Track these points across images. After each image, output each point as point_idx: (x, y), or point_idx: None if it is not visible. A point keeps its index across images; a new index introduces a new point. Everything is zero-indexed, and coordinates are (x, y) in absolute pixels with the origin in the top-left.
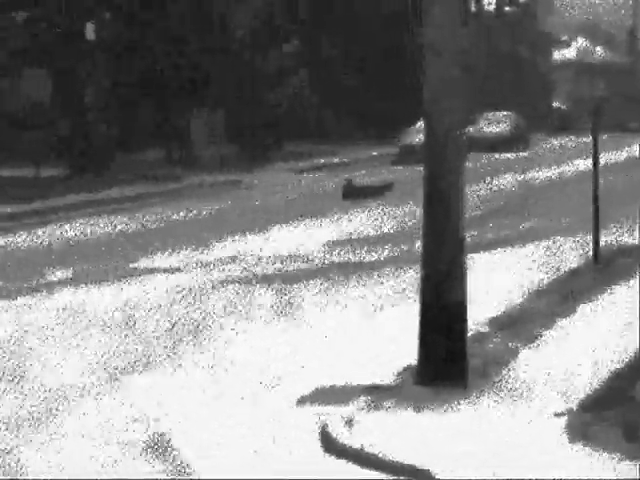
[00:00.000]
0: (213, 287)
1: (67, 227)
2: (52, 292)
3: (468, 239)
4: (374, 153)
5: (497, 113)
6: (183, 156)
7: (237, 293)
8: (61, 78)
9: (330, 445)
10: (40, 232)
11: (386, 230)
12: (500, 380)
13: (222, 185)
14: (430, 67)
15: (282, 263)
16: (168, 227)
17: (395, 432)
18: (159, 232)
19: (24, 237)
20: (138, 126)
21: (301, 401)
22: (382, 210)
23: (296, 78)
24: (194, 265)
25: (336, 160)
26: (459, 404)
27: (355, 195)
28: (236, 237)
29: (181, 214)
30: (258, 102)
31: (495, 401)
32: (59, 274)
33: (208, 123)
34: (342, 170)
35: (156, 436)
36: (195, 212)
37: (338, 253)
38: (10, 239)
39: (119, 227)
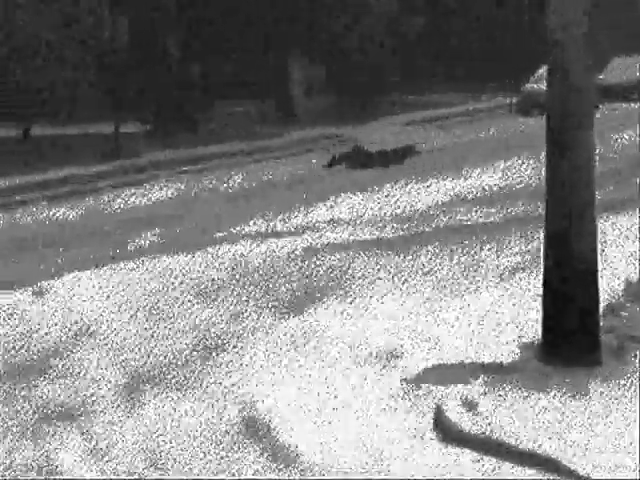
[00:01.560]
0: (315, 253)
1: (157, 187)
2: (144, 256)
3: None
4: (489, 104)
5: (628, 58)
6: (281, 109)
7: (339, 260)
8: (139, 24)
9: (445, 430)
10: (127, 193)
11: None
12: (637, 358)
13: (322, 140)
14: None
15: (387, 226)
16: (264, 188)
17: (519, 415)
18: (255, 194)
19: (111, 199)
20: (231, 77)
21: (413, 381)
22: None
23: (408, 25)
24: (293, 229)
25: (447, 111)
26: (590, 385)
27: (361, 163)
28: (340, 197)
29: (278, 174)
30: (362, 50)
31: (632, 383)
32: (151, 238)
33: (308, 74)
34: (452, 122)
35: (257, 417)
36: (292, 170)
37: (452, 213)
38: (93, 202)
39: (209, 188)
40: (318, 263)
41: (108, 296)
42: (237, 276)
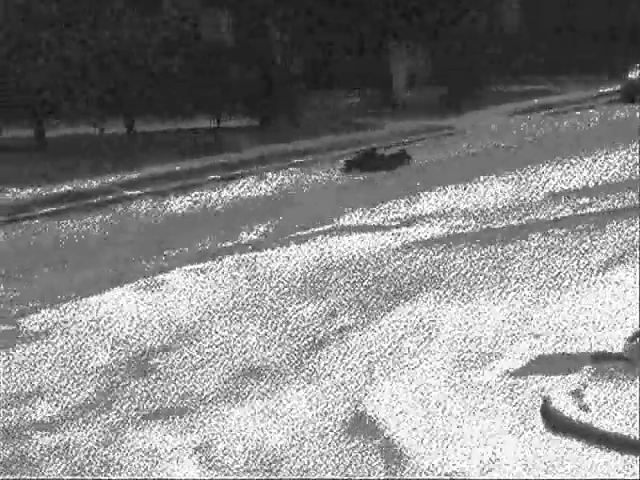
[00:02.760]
0: (415, 247)
1: (261, 183)
2: (249, 250)
3: None
4: (591, 93)
5: None
6: (382, 100)
7: (440, 253)
8: (243, 18)
9: (553, 420)
10: (230, 188)
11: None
12: None
13: (426, 132)
14: None
15: (491, 219)
16: (367, 182)
17: (629, 407)
18: (358, 187)
19: (214, 195)
20: (332, 68)
21: (521, 372)
22: None
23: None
24: (396, 222)
25: (553, 100)
26: None
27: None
28: (445, 190)
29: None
30: (464, 38)
31: None
32: (254, 232)
33: (410, 63)
34: (561, 112)
35: (361, 412)
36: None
37: (559, 206)
38: (198, 197)
39: (311, 181)
40: (418, 257)
41: (213, 292)
42: (337, 270)
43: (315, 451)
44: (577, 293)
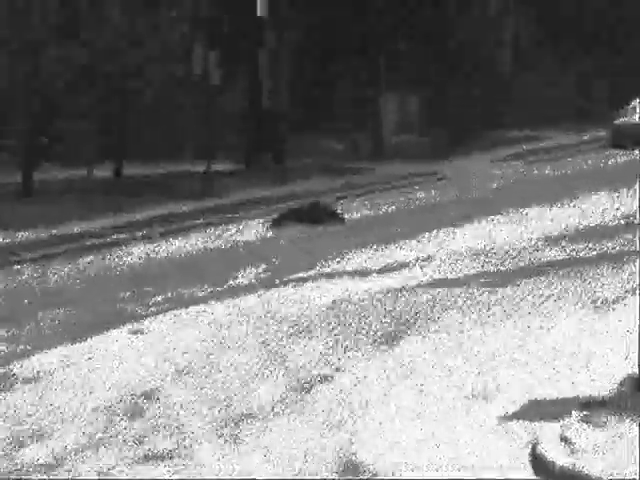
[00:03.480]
0: (407, 290)
1: (251, 226)
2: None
3: None
4: (584, 137)
5: None
6: (371, 144)
7: (438, 295)
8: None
9: (541, 465)
10: (219, 231)
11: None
12: None
13: (412, 177)
14: None
15: (486, 260)
16: (357, 227)
17: (615, 453)
18: (348, 232)
19: (201, 239)
20: (322, 112)
21: (510, 416)
22: None
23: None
24: (389, 266)
25: (541, 145)
26: None
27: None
28: (434, 233)
29: (371, 210)
30: (454, 85)
31: None
32: (247, 276)
33: (400, 109)
34: (547, 157)
35: (345, 448)
36: (388, 207)
37: (553, 249)
38: (185, 241)
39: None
40: (411, 299)
41: (205, 334)
42: (334, 312)
43: None
44: (566, 331)
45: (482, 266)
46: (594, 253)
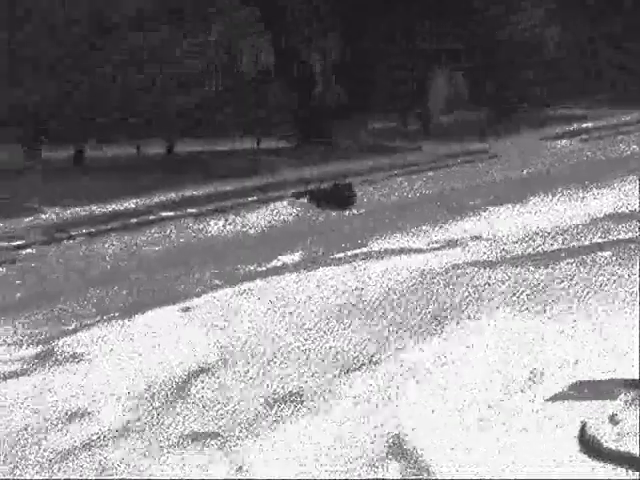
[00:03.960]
0: (455, 270)
1: (295, 204)
2: (288, 272)
3: None
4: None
5: None
6: (419, 123)
7: (483, 276)
8: (283, 40)
9: (590, 446)
10: (268, 210)
11: None
12: None
13: (464, 156)
14: None
15: (536, 242)
16: (405, 205)
17: None
18: (395, 211)
19: (247, 217)
20: (369, 89)
21: (558, 397)
22: None
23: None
24: (433, 245)
25: (593, 125)
26: None
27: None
28: (481, 213)
29: (418, 191)
30: (506, 64)
31: None
32: (292, 257)
33: (449, 86)
34: (597, 135)
35: (393, 435)
36: (433, 186)
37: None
38: (232, 219)
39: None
40: (460, 280)
41: (250, 314)
42: (380, 293)
43: (350, 476)
44: (607, 320)
45: (534, 246)
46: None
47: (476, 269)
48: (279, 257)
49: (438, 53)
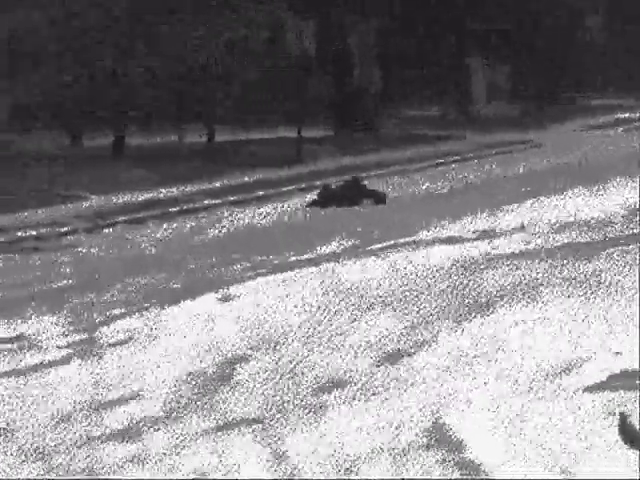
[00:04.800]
0: (494, 261)
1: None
2: (328, 261)
3: None
4: None
5: None
6: (461, 113)
7: (520, 268)
8: (326, 29)
9: (630, 436)
10: (300, 201)
11: None
12: None
13: (504, 146)
14: None
15: (574, 233)
16: (446, 195)
17: None
18: (436, 199)
19: (286, 206)
20: (407, 81)
21: (598, 387)
22: None
23: (593, 20)
24: (473, 236)
25: (632, 115)
26: None
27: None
28: (524, 203)
29: (462, 178)
30: (548, 52)
31: None
32: (335, 243)
33: (488, 77)
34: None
35: (435, 424)
36: (479, 175)
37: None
38: (272, 208)
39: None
40: (503, 270)
41: (293, 303)
42: (420, 282)
43: (393, 463)
44: None
45: (576, 237)
46: None
47: (518, 259)
48: (320, 246)
49: (481, 43)
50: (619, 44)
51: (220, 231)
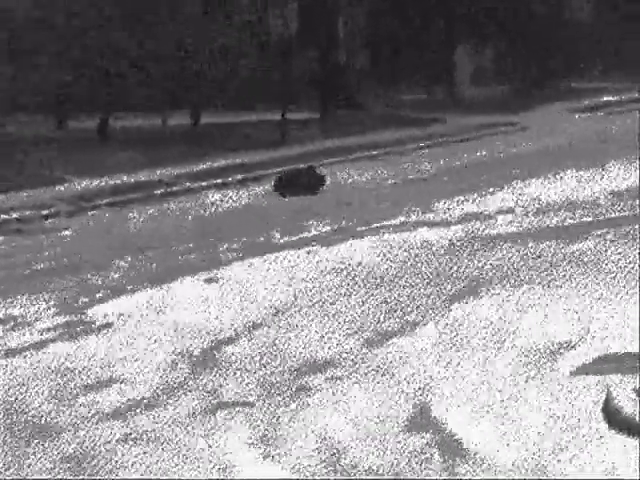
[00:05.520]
0: (490, 244)
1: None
2: (313, 244)
3: None
4: None
5: None
6: (446, 96)
7: (515, 250)
8: (309, 10)
9: (615, 419)
10: None
11: None
12: None
13: (488, 128)
14: None
15: (566, 213)
16: (435, 177)
17: None
18: (424, 184)
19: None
20: (395, 63)
21: (583, 369)
22: None
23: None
24: (464, 218)
25: (623, 97)
26: None
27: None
28: (513, 184)
29: (445, 161)
30: (534, 34)
31: None
32: (319, 227)
33: (474, 61)
34: (626, 109)
35: (418, 405)
36: (462, 158)
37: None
38: (256, 190)
39: (374, 177)
40: (492, 253)
41: (276, 285)
42: (409, 264)
43: (378, 445)
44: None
45: (565, 219)
46: None
47: (507, 242)
48: (308, 228)
49: (466, 25)
50: (607, 24)
51: (202, 213)
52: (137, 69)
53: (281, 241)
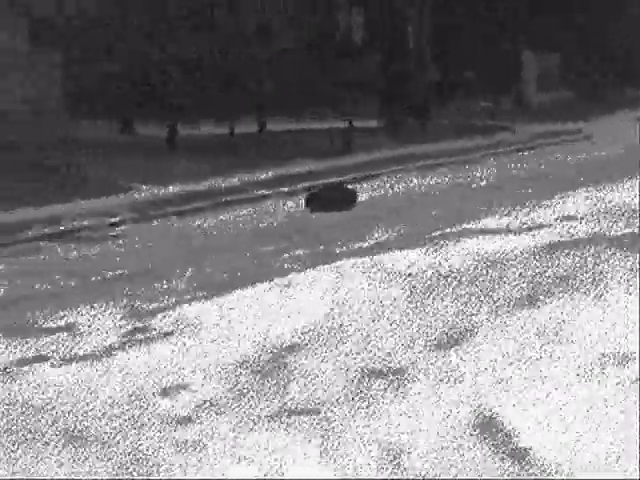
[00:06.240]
0: (544, 251)
1: (386, 183)
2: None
3: None
4: None
5: None
6: (513, 103)
7: (572, 256)
8: (375, 18)
9: None
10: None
11: None
12: None
13: (556, 136)
14: None
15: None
16: (494, 185)
17: None
18: (484, 190)
19: None
20: (461, 70)
21: None
22: None
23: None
24: (520, 227)
25: None
26: None
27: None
28: (578, 193)
29: (510, 170)
30: (600, 40)
31: None
32: (388, 232)
33: (541, 67)
34: None
35: (483, 414)
36: (529, 166)
37: None
38: None
39: (438, 186)
40: (553, 260)
41: (344, 292)
42: (470, 271)
43: (442, 453)
44: None
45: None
46: None
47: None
48: (372, 236)
49: (533, 33)
50: None
51: (273, 221)
52: (210, 78)
53: (337, 251)
